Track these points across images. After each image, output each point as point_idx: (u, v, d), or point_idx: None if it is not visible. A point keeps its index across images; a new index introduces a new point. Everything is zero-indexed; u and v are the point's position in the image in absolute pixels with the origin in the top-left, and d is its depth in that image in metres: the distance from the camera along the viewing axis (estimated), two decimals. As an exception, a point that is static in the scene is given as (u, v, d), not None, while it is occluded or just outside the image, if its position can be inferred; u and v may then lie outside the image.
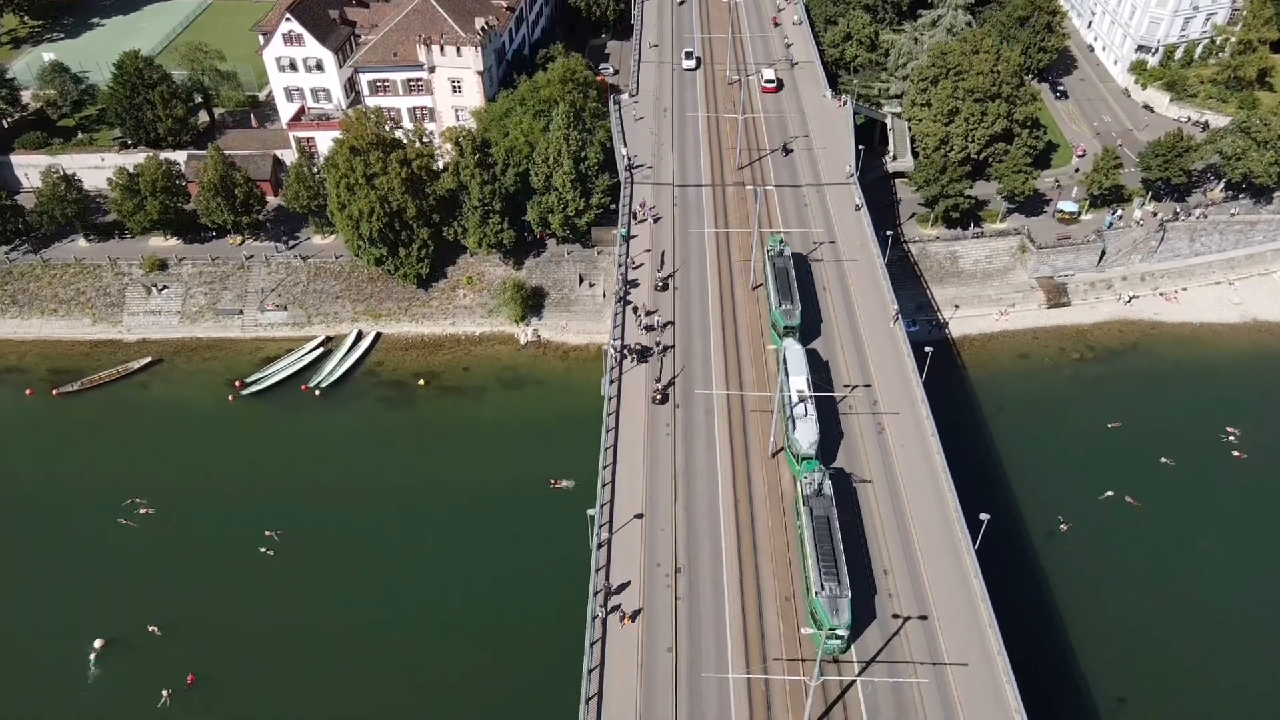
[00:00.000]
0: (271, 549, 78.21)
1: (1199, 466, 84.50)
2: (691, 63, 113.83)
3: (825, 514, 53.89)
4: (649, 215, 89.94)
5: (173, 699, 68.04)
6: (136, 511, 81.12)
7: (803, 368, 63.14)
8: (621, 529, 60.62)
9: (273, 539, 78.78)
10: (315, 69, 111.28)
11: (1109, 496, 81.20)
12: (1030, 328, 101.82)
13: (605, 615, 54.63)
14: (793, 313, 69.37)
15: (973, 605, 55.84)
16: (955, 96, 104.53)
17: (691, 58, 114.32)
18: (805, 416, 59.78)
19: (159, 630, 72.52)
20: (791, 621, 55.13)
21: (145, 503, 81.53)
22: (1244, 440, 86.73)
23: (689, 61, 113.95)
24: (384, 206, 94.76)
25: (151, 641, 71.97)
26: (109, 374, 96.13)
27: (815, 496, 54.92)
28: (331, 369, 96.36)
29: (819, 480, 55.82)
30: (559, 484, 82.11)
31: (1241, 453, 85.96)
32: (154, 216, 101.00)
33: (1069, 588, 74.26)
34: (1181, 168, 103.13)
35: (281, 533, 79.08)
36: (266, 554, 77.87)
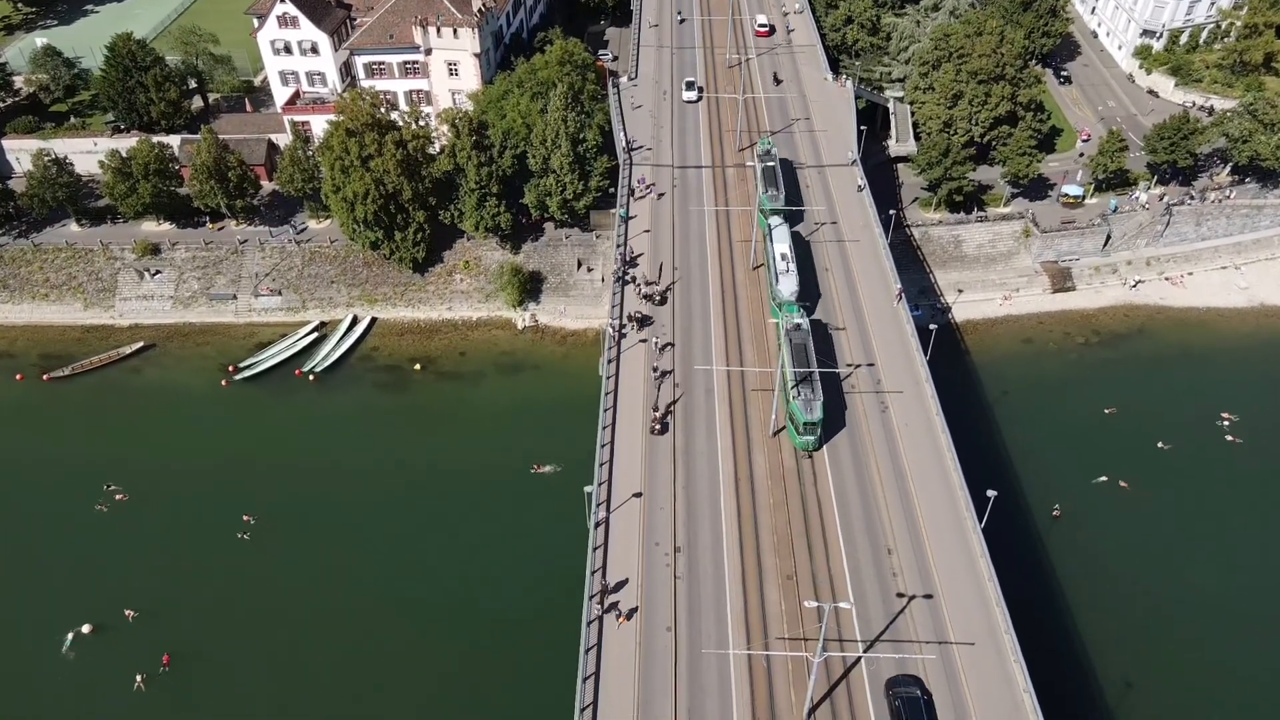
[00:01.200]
0: (247, 533, 76.83)
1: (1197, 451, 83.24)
2: (693, 94, 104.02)
3: (803, 342, 64.19)
4: (650, 191, 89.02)
5: (147, 683, 66.70)
6: (113, 498, 79.83)
7: (786, 237, 74.13)
8: (619, 508, 59.28)
9: (249, 523, 77.41)
10: (310, 52, 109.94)
11: (1103, 481, 79.77)
12: (1034, 313, 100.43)
13: (604, 592, 53.20)
14: (777, 197, 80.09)
15: (979, 584, 54.51)
16: (958, 79, 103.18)
17: (693, 88, 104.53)
18: (787, 272, 71.05)
19: (135, 614, 71.18)
20: (793, 599, 53.83)
21: (120, 489, 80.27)
22: (1240, 425, 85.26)
23: (690, 93, 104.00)
24: (379, 189, 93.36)
25: (128, 625, 70.75)
26: (100, 359, 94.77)
27: (794, 330, 65.30)
28: (326, 354, 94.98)
29: (797, 319, 66.01)
30: (541, 468, 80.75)
31: (1236, 437, 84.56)
32: (146, 200, 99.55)
33: (1071, 570, 72.78)
34: (1188, 150, 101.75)
35: (258, 518, 77.71)
36: (242, 539, 76.51)
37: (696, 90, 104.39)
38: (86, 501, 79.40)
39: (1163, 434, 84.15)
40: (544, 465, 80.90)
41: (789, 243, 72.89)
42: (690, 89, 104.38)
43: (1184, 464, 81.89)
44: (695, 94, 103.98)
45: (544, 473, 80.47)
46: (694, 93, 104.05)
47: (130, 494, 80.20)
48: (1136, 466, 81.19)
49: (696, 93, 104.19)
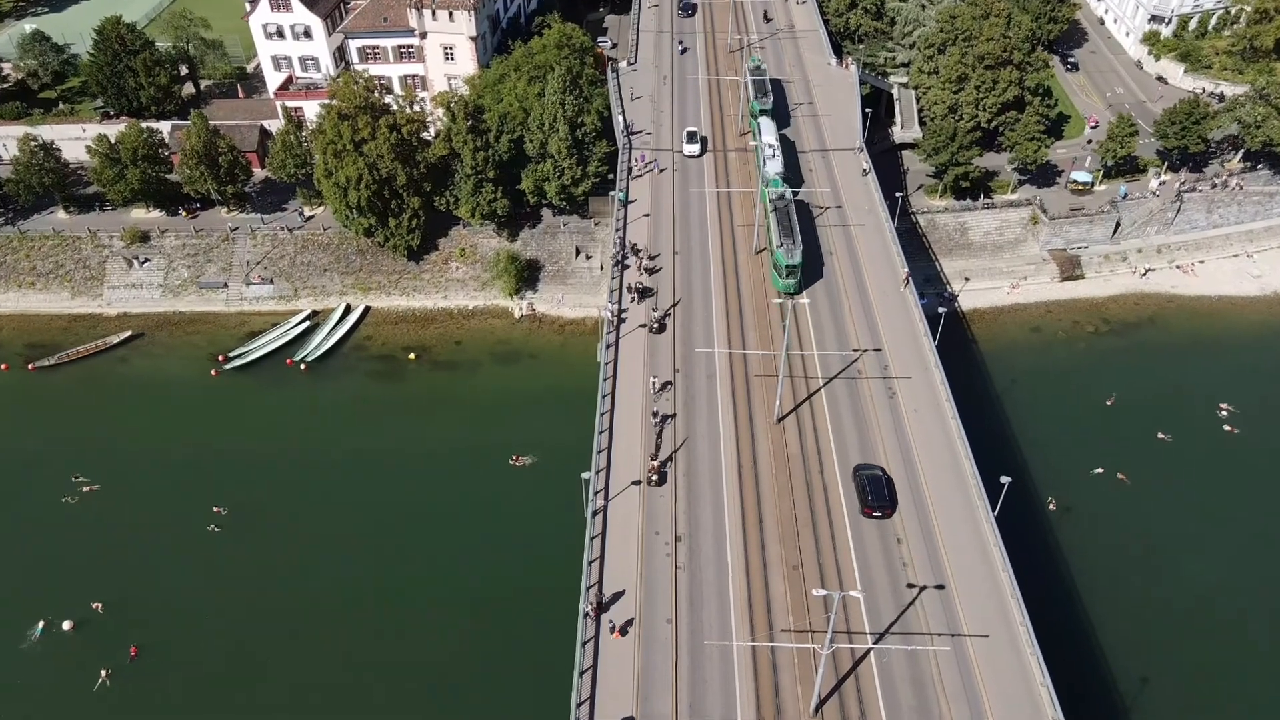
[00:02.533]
0: (218, 525, 74.73)
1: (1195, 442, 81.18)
2: (695, 147, 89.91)
3: (785, 208, 73.64)
4: (652, 166, 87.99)
5: (113, 677, 64.53)
6: (79, 489, 77.65)
7: (772, 130, 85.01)
8: (618, 496, 57.09)
9: (220, 515, 75.32)
10: (303, 36, 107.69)
11: (1099, 473, 77.49)
12: (1043, 301, 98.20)
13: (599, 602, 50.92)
14: (766, 100, 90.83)
15: (993, 574, 52.30)
16: (964, 63, 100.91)
17: (695, 140, 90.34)
18: (774, 156, 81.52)
19: (102, 606, 69.06)
20: (799, 589, 51.63)
21: (89, 480, 78.08)
22: (1238, 415, 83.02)
23: (692, 145, 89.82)
24: (373, 173, 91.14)
25: (96, 618, 68.67)
26: (87, 348, 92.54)
27: (779, 199, 74.52)
28: (318, 343, 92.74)
29: (781, 190, 75.41)
30: (519, 461, 78.57)
31: (1233, 427, 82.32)
32: (135, 186, 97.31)
33: (1069, 563, 70.59)
34: (1199, 135, 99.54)
35: (233, 509, 75.55)
36: (213, 531, 74.40)
37: (699, 142, 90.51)
38: (61, 493, 77.28)
39: (1163, 424, 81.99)
40: (522, 458, 78.69)
41: (775, 134, 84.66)
42: (692, 141, 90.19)
43: (1181, 455, 79.60)
44: (698, 147, 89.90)
45: (522, 465, 78.42)
46: (696, 145, 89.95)
47: (106, 485, 77.82)
48: (1136, 457, 79.01)
49: (699, 145, 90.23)
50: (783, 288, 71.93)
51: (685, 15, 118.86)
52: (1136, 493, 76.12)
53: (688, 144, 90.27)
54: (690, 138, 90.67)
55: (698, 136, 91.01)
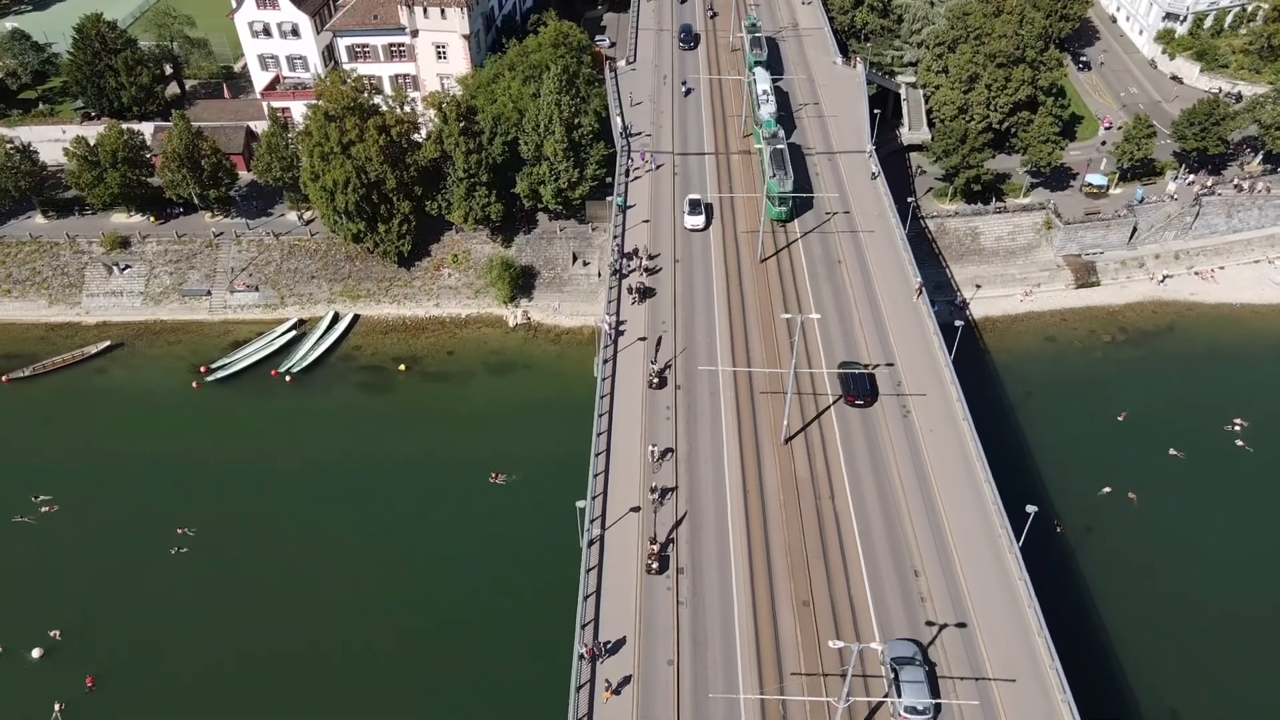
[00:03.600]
0: (184, 547, 71.13)
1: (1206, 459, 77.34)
2: (699, 219, 77.46)
3: (779, 146, 78.79)
4: (651, 163, 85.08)
5: (66, 712, 60.85)
6: (38, 509, 74.13)
7: (766, 79, 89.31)
8: (615, 524, 53.52)
9: (184, 536, 71.76)
10: (290, 34, 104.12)
11: (1107, 492, 73.77)
12: (1057, 309, 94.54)
13: (596, 626, 47.46)
14: (761, 53, 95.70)
15: (1018, 610, 48.76)
16: (975, 61, 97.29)
17: (699, 210, 77.84)
18: (767, 101, 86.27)
19: (60, 635, 65.49)
20: (810, 630, 48.06)
21: (50, 500, 74.58)
22: (1250, 431, 79.24)
23: (695, 218, 77.38)
24: (361, 177, 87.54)
25: (55, 646, 65.13)
26: (64, 359, 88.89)
27: (772, 138, 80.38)
28: (304, 353, 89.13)
29: (774, 129, 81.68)
30: (499, 478, 75.17)
31: (1245, 443, 78.53)
32: (114, 190, 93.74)
33: (1101, 589, 66.94)
34: (1219, 136, 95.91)
35: (199, 531, 71.96)
36: (179, 553, 70.76)
37: (703, 212, 78.07)
38: (19, 511, 73.86)
39: (1178, 440, 78.23)
40: (501, 475, 75.24)
41: (769, 82, 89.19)
42: (695, 211, 77.77)
43: (1193, 473, 75.80)
44: (701, 219, 77.57)
45: (501, 483, 74.97)
46: (699, 218, 77.51)
47: (73, 504, 74.21)
48: (1147, 475, 75.26)
49: (704, 217, 77.89)
50: (774, 215, 77.29)
51: (687, 47, 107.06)
52: (1147, 513, 72.29)
53: (690, 215, 77.39)
54: (693, 208, 77.78)
55: (701, 206, 78.07)
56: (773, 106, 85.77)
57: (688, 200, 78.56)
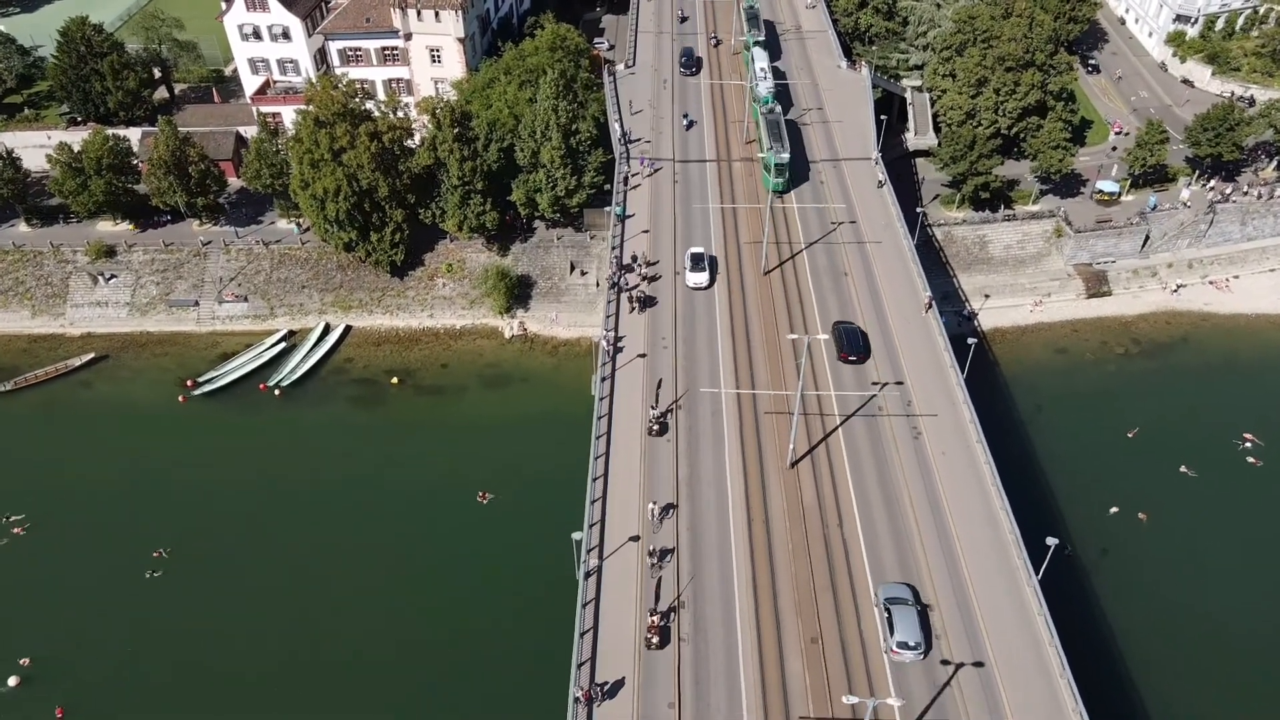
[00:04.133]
0: (158, 570, 68.64)
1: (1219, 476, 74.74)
2: (702, 276, 69.41)
3: (775, 119, 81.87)
4: (651, 166, 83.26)
5: None
6: (10, 530, 71.76)
7: (764, 56, 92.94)
8: (613, 554, 50.99)
9: (160, 558, 69.34)
10: (281, 37, 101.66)
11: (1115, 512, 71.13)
12: (1068, 319, 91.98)
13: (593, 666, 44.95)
14: (758, 33, 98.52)
15: (1038, 648, 46.22)
16: (984, 65, 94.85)
17: (701, 266, 69.88)
18: (765, 79, 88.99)
19: (30, 663, 63.15)
20: (819, 671, 45.54)
21: (22, 520, 72.35)
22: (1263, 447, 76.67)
23: (698, 275, 69.36)
24: (352, 184, 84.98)
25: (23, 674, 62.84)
26: (47, 372, 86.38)
27: (770, 113, 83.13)
28: (294, 366, 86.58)
29: (772, 105, 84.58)
30: (485, 498, 72.90)
31: (1257, 459, 76.03)
32: (99, 198, 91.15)
33: (1127, 611, 64.48)
34: (1234, 142, 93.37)
35: (177, 552, 69.52)
36: (153, 577, 68.27)
37: (707, 267, 70.19)
38: (4, 534, 71.52)
39: (1189, 456, 75.63)
40: (487, 494, 72.95)
41: (766, 59, 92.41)
42: (698, 268, 69.73)
43: (1205, 491, 73.19)
44: (705, 276, 69.58)
45: (488, 501, 72.66)
46: (703, 274, 69.49)
47: (49, 524, 71.90)
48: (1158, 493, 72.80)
49: (708, 274, 69.92)
50: (772, 186, 79.08)
51: (688, 73, 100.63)
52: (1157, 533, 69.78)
53: (692, 271, 69.51)
54: (695, 263, 69.85)
55: (704, 260, 70.33)
56: (770, 83, 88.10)
57: (689, 255, 70.67)
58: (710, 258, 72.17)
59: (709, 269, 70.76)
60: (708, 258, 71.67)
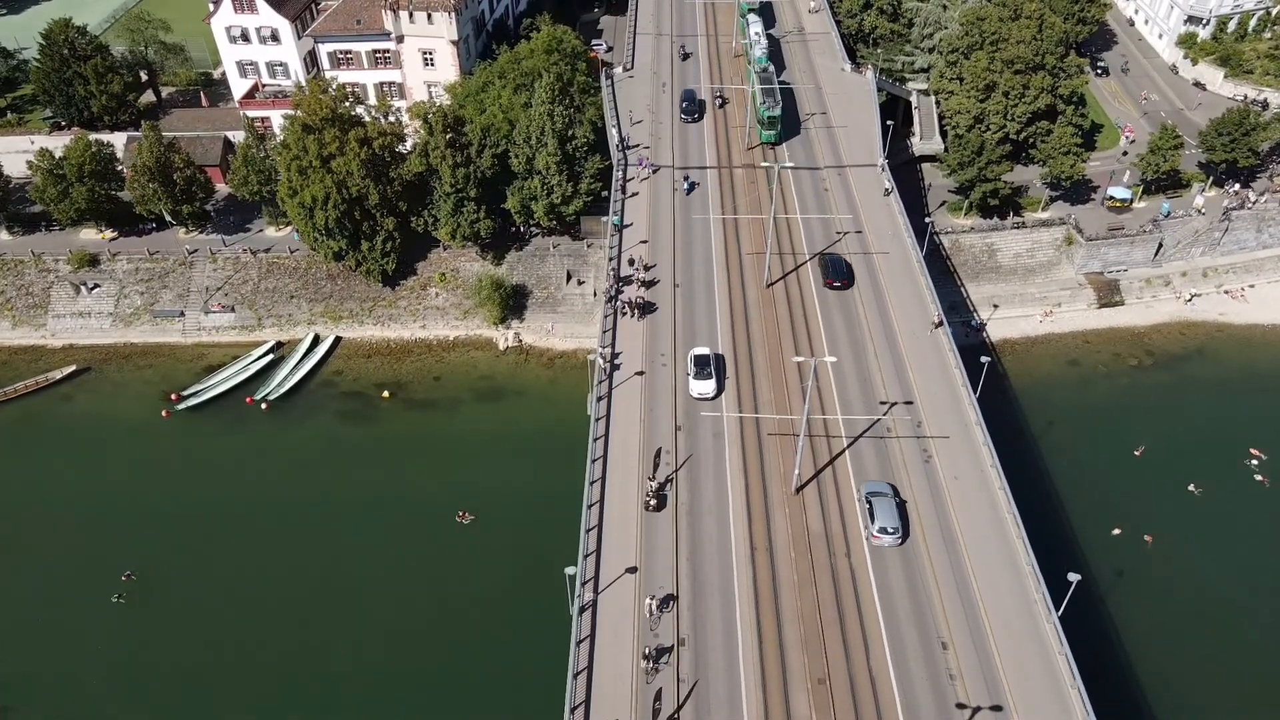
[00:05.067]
0: (122, 595, 66.10)
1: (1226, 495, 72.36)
2: (709, 385, 58.05)
3: (768, 77, 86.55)
4: (647, 167, 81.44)
5: None
6: None
7: (759, 22, 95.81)
8: (609, 588, 48.34)
9: (130, 581, 66.77)
10: (270, 40, 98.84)
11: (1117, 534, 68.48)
12: (1079, 330, 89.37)
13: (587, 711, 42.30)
14: (755, 5, 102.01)
15: (1059, 691, 43.53)
16: (992, 69, 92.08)
17: (707, 370, 58.58)
18: (759, 43, 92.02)
19: None
20: (827, 711, 42.86)
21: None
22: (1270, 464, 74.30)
23: (704, 384, 58.11)
24: (341, 192, 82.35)
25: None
26: (26, 385, 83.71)
27: (763, 72, 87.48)
28: (282, 379, 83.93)
29: (765, 64, 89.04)
30: (465, 518, 70.45)
31: (1265, 477, 73.47)
32: (81, 205, 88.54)
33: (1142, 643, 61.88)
34: (1250, 147, 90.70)
35: (148, 576, 66.90)
36: (117, 602, 65.61)
37: (714, 373, 58.73)
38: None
39: (1201, 473, 73.06)
40: (467, 515, 70.56)
41: (761, 25, 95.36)
42: (703, 373, 58.30)
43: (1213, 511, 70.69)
44: (712, 385, 58.18)
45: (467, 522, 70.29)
46: (709, 382, 58.17)
47: (15, 546, 69.33)
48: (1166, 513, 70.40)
49: (714, 381, 58.44)
50: (764, 138, 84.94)
51: (690, 119, 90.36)
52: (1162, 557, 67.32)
53: (696, 379, 57.90)
54: (700, 367, 58.28)
55: (710, 364, 58.72)
56: (764, 45, 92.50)
57: (692, 357, 58.97)
58: (718, 358, 60.56)
59: (716, 374, 58.74)
60: (714, 358, 59.54)
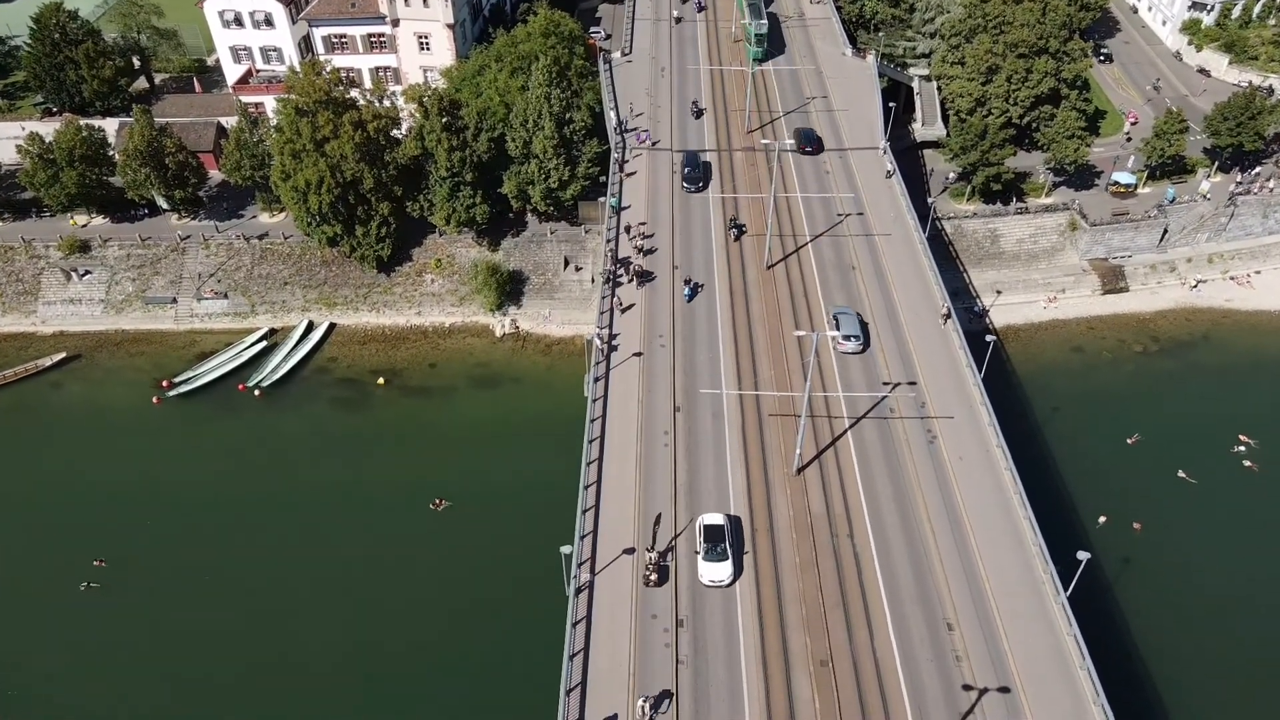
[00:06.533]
0: (95, 582, 64.65)
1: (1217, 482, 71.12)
2: (723, 569, 46.01)
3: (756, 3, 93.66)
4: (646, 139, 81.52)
5: None
6: None
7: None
8: (606, 568, 47.17)
9: (101, 568, 65.36)
10: (264, 24, 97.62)
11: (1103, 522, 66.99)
12: (1083, 316, 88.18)
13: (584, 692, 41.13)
14: None
15: (1067, 672, 42.39)
16: (995, 52, 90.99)
17: (721, 549, 46.42)
18: None
19: None
20: (830, 693, 41.71)
21: None
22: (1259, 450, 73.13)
23: (716, 568, 46.07)
24: (335, 176, 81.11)
25: None
26: (15, 372, 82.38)
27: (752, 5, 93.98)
28: (275, 365, 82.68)
29: None
30: (439, 505, 69.12)
31: (1253, 463, 72.40)
32: (71, 190, 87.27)
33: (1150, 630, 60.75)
34: (1256, 131, 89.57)
35: (124, 563, 65.43)
36: (88, 589, 64.18)
37: (730, 552, 46.33)
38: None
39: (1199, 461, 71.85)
40: (443, 501, 69.15)
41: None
42: (715, 554, 46.26)
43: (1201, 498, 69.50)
44: (728, 568, 45.92)
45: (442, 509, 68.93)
46: (724, 565, 45.96)
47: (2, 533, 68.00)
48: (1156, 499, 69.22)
49: (730, 563, 46.06)
50: (752, 54, 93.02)
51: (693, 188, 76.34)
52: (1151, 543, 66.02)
53: (707, 559, 46.16)
54: (712, 543, 46.43)
55: (725, 537, 46.63)
56: (764, 25, 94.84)
57: (702, 527, 47.08)
58: (734, 525, 48.15)
59: (733, 552, 46.23)
60: (730, 527, 47.14)
